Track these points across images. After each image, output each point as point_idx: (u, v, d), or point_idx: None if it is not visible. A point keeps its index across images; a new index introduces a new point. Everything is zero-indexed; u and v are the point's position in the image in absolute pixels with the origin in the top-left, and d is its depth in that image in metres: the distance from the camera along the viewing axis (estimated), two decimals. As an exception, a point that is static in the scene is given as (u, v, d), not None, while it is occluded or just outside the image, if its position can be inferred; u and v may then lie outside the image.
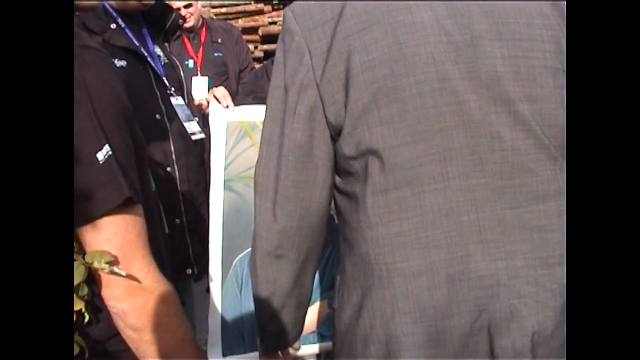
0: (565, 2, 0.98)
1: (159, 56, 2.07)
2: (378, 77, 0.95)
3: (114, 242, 0.95)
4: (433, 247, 0.97)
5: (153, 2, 2.00)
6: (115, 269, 0.94)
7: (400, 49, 0.95)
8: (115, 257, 0.95)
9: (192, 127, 2.08)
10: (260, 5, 7.37)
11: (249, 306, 1.79)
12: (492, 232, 0.97)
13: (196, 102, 2.05)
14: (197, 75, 3.87)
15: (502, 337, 0.98)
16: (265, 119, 1.08)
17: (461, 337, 0.98)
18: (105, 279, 0.96)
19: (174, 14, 2.13)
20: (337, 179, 1.08)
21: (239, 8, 7.33)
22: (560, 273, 1.00)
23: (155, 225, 1.10)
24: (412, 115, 0.95)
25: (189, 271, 2.12)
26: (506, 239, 0.98)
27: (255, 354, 1.81)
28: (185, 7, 3.84)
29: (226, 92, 1.82)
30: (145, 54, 1.97)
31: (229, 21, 6.68)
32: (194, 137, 2.07)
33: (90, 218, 0.93)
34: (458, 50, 0.96)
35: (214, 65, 3.91)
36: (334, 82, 0.98)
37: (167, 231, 1.95)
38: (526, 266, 0.99)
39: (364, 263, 1.02)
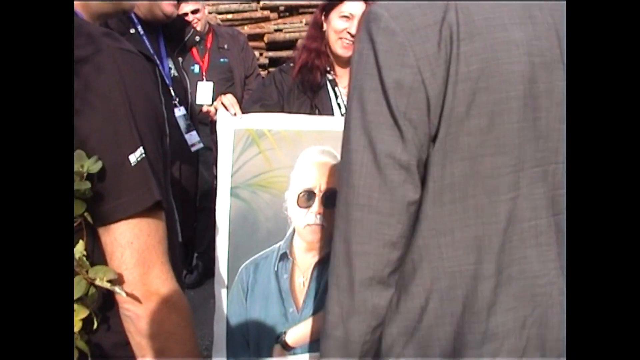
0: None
1: (170, 68, 2.11)
2: (475, 89, 0.98)
3: (136, 245, 0.94)
4: (501, 251, 1.04)
5: (176, 14, 2.06)
6: (117, 289, 0.92)
7: (498, 65, 0.99)
8: (119, 274, 0.93)
9: (192, 138, 2.11)
10: (266, 13, 7.40)
11: (254, 313, 1.79)
12: (545, 236, 1.06)
13: (204, 109, 2.08)
14: (202, 80, 3.89)
15: (554, 330, 1.06)
16: (355, 125, 1.02)
17: (515, 331, 1.04)
18: (123, 281, 0.94)
19: (192, 30, 2.19)
20: None
21: (245, 15, 7.35)
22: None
23: (173, 235, 1.08)
24: (499, 129, 1.00)
25: None
26: (554, 242, 1.06)
27: None
28: (193, 12, 3.86)
29: (234, 100, 1.82)
30: (158, 62, 2.01)
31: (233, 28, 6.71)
32: (193, 149, 2.10)
33: (117, 219, 0.92)
34: (540, 70, 1.02)
35: (219, 71, 3.92)
36: (437, 87, 0.98)
37: (180, 239, 1.96)
38: (563, 266, 1.07)
39: (432, 268, 1.05)
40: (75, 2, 1.04)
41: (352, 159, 1.02)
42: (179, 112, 2.10)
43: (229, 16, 7.28)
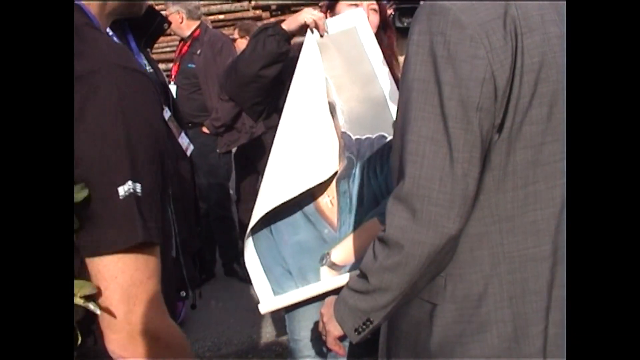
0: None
1: (145, 65, 1.93)
2: (537, 80, 1.05)
3: (120, 280, 0.86)
4: (559, 232, 1.11)
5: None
6: (91, 306, 0.84)
7: (553, 58, 1.06)
8: (98, 288, 0.86)
9: (184, 141, 1.97)
10: (258, 12, 7.40)
11: (285, 243, 1.77)
12: None
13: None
14: (170, 83, 3.99)
15: None
16: (417, 116, 1.04)
17: (564, 307, 1.10)
18: (107, 319, 0.87)
19: (159, 17, 1.98)
20: None
21: (237, 15, 7.35)
22: None
23: (166, 253, 1.02)
24: (555, 118, 1.07)
25: (183, 293, 2.00)
26: None
27: (307, 287, 1.75)
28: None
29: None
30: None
31: (226, 28, 6.67)
32: (188, 152, 1.96)
33: (101, 252, 0.86)
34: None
35: (184, 76, 4.01)
36: (505, 79, 1.03)
37: (173, 254, 1.88)
38: None
39: (491, 254, 1.10)
40: (91, 3, 0.99)
41: (412, 149, 1.04)
42: (167, 114, 1.95)
43: (221, 17, 7.27)
